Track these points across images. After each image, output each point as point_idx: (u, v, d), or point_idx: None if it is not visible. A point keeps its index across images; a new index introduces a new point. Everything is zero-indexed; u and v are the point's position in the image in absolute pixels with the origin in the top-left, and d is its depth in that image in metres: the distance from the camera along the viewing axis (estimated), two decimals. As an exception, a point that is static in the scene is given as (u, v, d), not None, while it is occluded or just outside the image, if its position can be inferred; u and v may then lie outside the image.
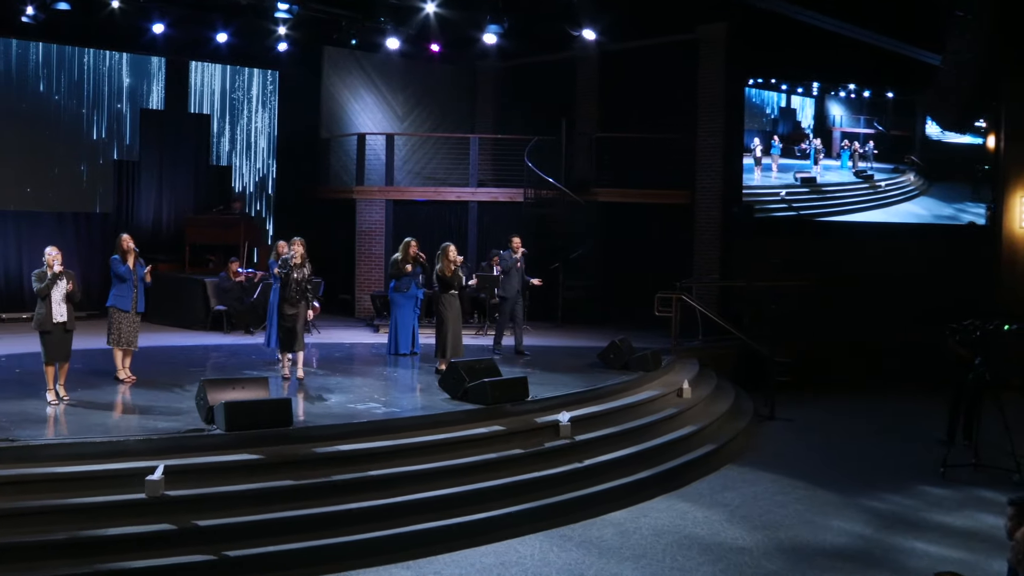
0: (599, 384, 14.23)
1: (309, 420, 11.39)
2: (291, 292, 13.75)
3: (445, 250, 15.03)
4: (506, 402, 12.28)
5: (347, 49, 24.05)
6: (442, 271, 14.93)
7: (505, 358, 16.57)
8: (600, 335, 19.02)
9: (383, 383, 14.30)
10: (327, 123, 24.58)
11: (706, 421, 14.47)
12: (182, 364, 15.54)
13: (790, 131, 22.75)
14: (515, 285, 17.14)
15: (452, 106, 26.41)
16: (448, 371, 12.95)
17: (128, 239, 13.74)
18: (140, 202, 22.90)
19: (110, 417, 11.30)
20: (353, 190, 23.28)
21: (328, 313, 22.54)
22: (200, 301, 20.26)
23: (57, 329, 11.99)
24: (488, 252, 21.27)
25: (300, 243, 14.04)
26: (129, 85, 22.62)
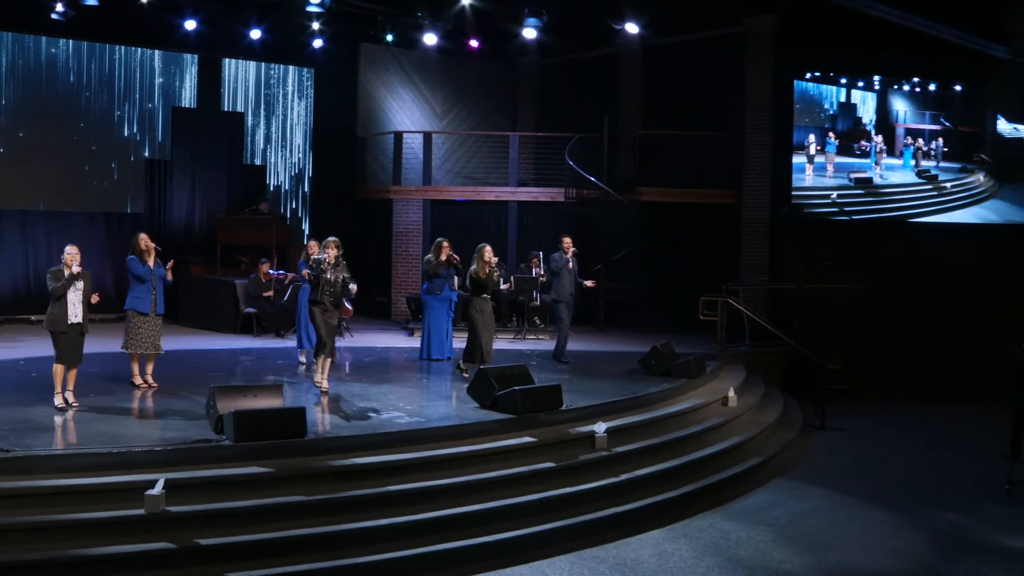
0: (639, 392, 13.45)
1: (325, 430, 10.71)
2: (322, 296, 12.75)
3: (480, 251, 14.37)
4: (538, 411, 11.55)
5: (384, 46, 23.42)
6: (476, 273, 14.26)
7: (539, 364, 15.85)
8: (643, 340, 18.23)
9: (411, 390, 13.59)
10: (364, 121, 24.03)
11: (753, 431, 13.65)
12: (205, 369, 14.95)
13: (850, 128, 21.62)
14: (567, 287, 16.33)
15: (493, 104, 25.78)
16: (477, 378, 12.21)
17: (146, 238, 13.14)
18: (172, 202, 22.46)
19: (117, 425, 10.65)
20: (390, 189, 22.75)
21: (364, 316, 22.03)
22: (230, 303, 19.74)
23: (72, 330, 11.49)
24: (527, 253, 20.61)
25: (334, 244, 12.94)
26: (161, 83, 22.17)
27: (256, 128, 23.56)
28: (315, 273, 12.84)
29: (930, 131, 21.62)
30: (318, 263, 12.87)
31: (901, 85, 21.72)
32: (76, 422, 10.87)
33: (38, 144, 20.75)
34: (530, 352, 17.60)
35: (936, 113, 21.74)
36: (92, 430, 10.48)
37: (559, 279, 16.31)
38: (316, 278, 12.80)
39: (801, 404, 16.34)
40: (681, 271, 21.26)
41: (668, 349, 15.23)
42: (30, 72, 20.63)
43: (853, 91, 21.83)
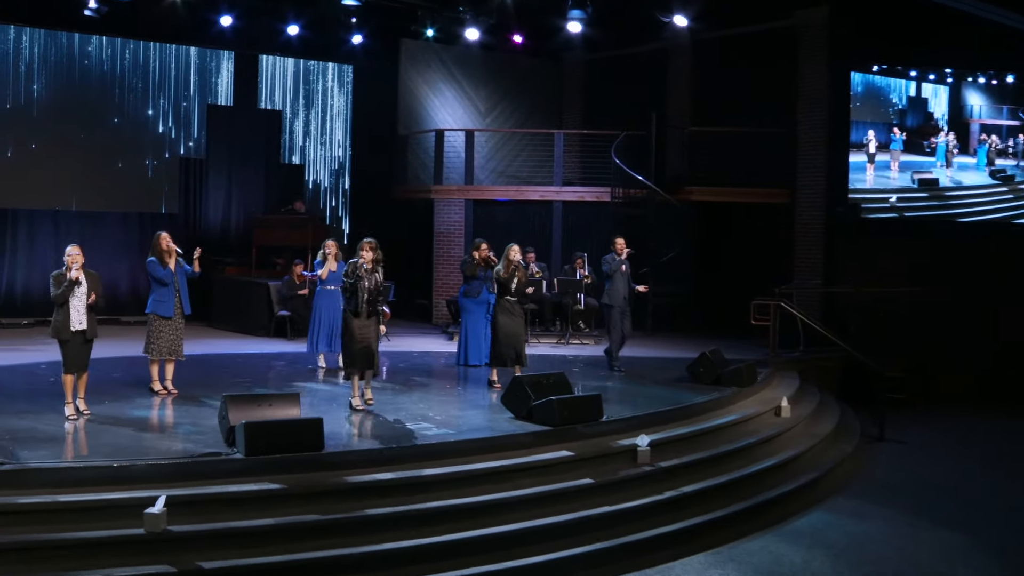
0: (685, 402, 12.66)
1: (345, 443, 9.98)
2: (360, 304, 11.53)
3: (508, 250, 13.58)
4: (577, 423, 10.78)
5: (425, 41, 22.78)
6: (499, 273, 13.51)
7: (582, 371, 15.12)
8: (692, 345, 17.42)
9: (443, 399, 12.86)
10: (404, 119, 23.31)
11: (807, 444, 12.82)
12: (231, 374, 14.30)
13: (920, 123, 20.38)
14: (621, 291, 15.39)
15: (537, 101, 25.03)
16: (512, 387, 11.46)
17: (167, 238, 12.53)
18: (208, 202, 21.96)
19: (125, 436, 9.99)
20: (431, 189, 22.10)
21: (404, 319, 21.41)
22: (263, 306, 19.13)
23: (76, 338, 10.83)
24: (572, 255, 19.87)
25: (370, 246, 11.62)
26: (196, 80, 21.66)
27: (294, 126, 22.98)
28: (351, 279, 11.55)
29: (1007, 127, 20.27)
30: (354, 267, 11.61)
31: (975, 77, 20.40)
32: (83, 432, 10.27)
33: (71, 142, 20.30)
34: (573, 358, 16.87)
35: (1015, 107, 20.38)
36: (98, 441, 9.87)
37: (612, 283, 15.44)
38: (353, 285, 11.53)
39: (858, 414, 15.48)
40: (732, 273, 20.51)
41: (717, 355, 14.41)
42: (63, 69, 20.18)
43: (924, 84, 20.55)
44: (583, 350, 17.84)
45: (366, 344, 11.55)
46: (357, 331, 11.51)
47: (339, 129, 23.57)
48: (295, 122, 23.00)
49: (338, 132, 23.56)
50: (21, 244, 20.05)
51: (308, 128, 23.15)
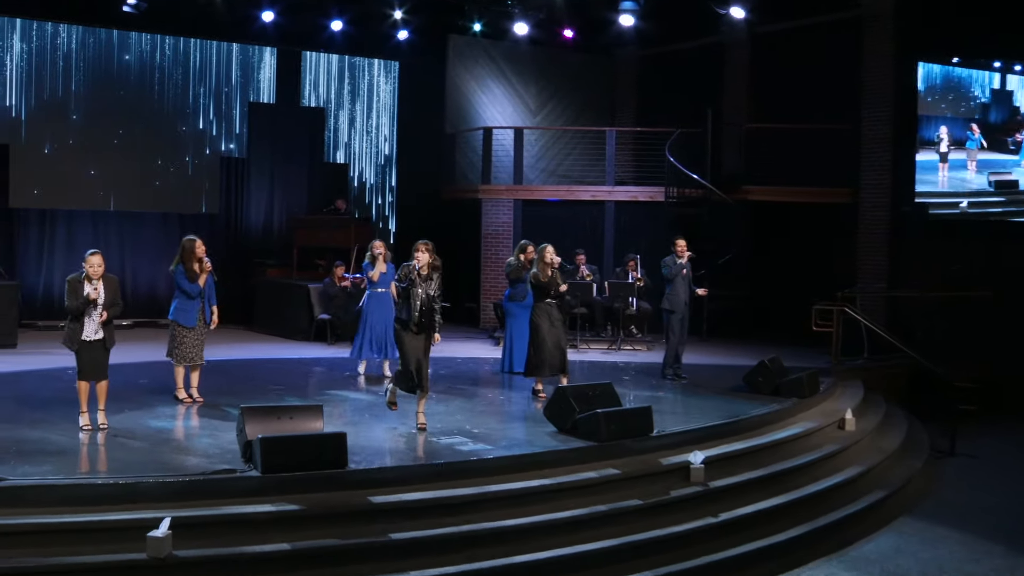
0: (742, 414, 11.79)
1: (371, 459, 9.21)
2: (413, 313, 10.40)
3: (542, 251, 12.78)
4: (624, 438, 10.00)
5: (473, 37, 22.19)
6: (536, 276, 12.71)
7: (634, 379, 14.35)
8: (749, 352, 16.67)
9: (482, 409, 12.09)
10: (452, 117, 22.72)
11: (874, 460, 11.96)
12: (264, 381, 13.66)
13: (1004, 119, 18.99)
14: (682, 296, 14.62)
15: (590, 98, 24.36)
16: (555, 398, 10.69)
17: (201, 247, 11.87)
18: (249, 202, 21.41)
19: (139, 449, 9.35)
20: (479, 189, 21.49)
21: (451, 322, 20.65)
22: (304, 309, 18.51)
23: (91, 346, 10.18)
24: (624, 257, 19.10)
25: (425, 248, 10.53)
26: (237, 77, 21.11)
27: (338, 124, 22.38)
28: (404, 285, 10.52)
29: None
30: (407, 272, 10.53)
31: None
32: (93, 444, 9.65)
33: (109, 141, 19.85)
34: (624, 365, 16.08)
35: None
36: (108, 454, 9.28)
37: (672, 287, 14.62)
38: (406, 291, 10.49)
39: (927, 426, 14.56)
40: (790, 277, 19.68)
41: (777, 364, 13.55)
42: (101, 66, 19.71)
43: (1008, 75, 19.16)
44: (635, 356, 17.05)
45: (416, 360, 10.49)
46: (409, 345, 10.48)
47: (384, 127, 22.95)
48: (339, 120, 22.40)
49: (383, 130, 22.94)
50: (59, 245, 19.62)
51: (353, 126, 22.54)
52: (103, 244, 19.57)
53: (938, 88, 19.17)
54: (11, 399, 11.81)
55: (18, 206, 19.16)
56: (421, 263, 10.49)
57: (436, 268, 10.62)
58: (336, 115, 22.35)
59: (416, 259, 10.51)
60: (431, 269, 10.56)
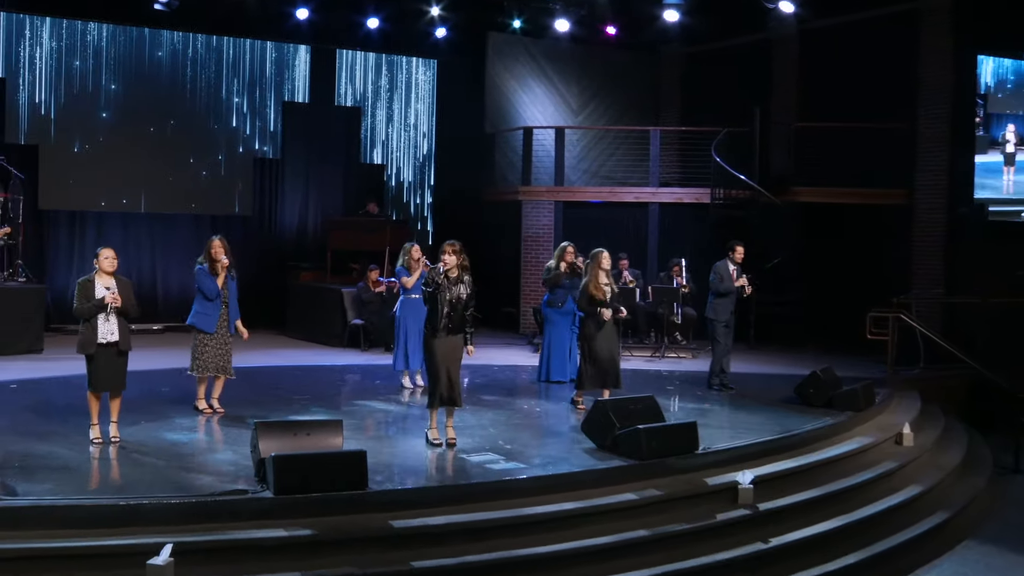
0: (794, 429, 11.08)
1: (394, 479, 8.59)
2: (440, 319, 9.83)
3: (596, 257, 11.94)
4: (668, 455, 9.33)
5: (513, 34, 21.65)
6: (587, 284, 11.92)
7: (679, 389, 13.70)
8: (799, 360, 16.00)
9: (516, 423, 11.39)
10: (491, 117, 22.15)
11: (934, 478, 11.22)
12: (291, 390, 13.09)
13: None
14: (730, 304, 13.87)
15: (633, 97, 23.72)
16: (593, 412, 10.02)
17: (220, 245, 11.26)
18: (283, 204, 20.96)
19: (149, 466, 8.77)
20: (519, 190, 20.93)
21: (490, 327, 20.22)
22: (337, 314, 17.99)
23: (105, 351, 9.56)
24: (669, 261, 18.44)
25: (453, 249, 9.88)
26: (270, 76, 20.66)
27: (374, 124, 21.86)
28: (431, 289, 9.82)
29: None
30: (434, 275, 9.88)
31: None
32: (102, 460, 9.11)
33: (140, 141, 19.43)
34: (668, 374, 15.41)
35: None
36: (115, 471, 8.79)
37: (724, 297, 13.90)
38: (433, 295, 9.83)
39: (989, 441, 13.78)
40: (841, 281, 18.93)
41: (829, 375, 12.82)
42: (132, 65, 19.30)
43: None
44: (679, 365, 16.37)
45: (445, 370, 9.79)
46: (438, 353, 9.79)
47: (422, 127, 22.42)
48: (375, 119, 21.88)
49: (421, 130, 22.42)
50: (89, 248, 19.07)
51: (389, 126, 22.01)
52: (133, 246, 19.36)
53: (1009, 84, 18.27)
54: (27, 408, 11.34)
55: (48, 208, 18.79)
56: (448, 265, 9.82)
57: (465, 268, 9.94)
58: (372, 115, 21.84)
59: (443, 261, 9.84)
60: (460, 270, 9.88)
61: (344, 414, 11.24)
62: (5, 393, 12.27)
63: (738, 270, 13.92)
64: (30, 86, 18.47)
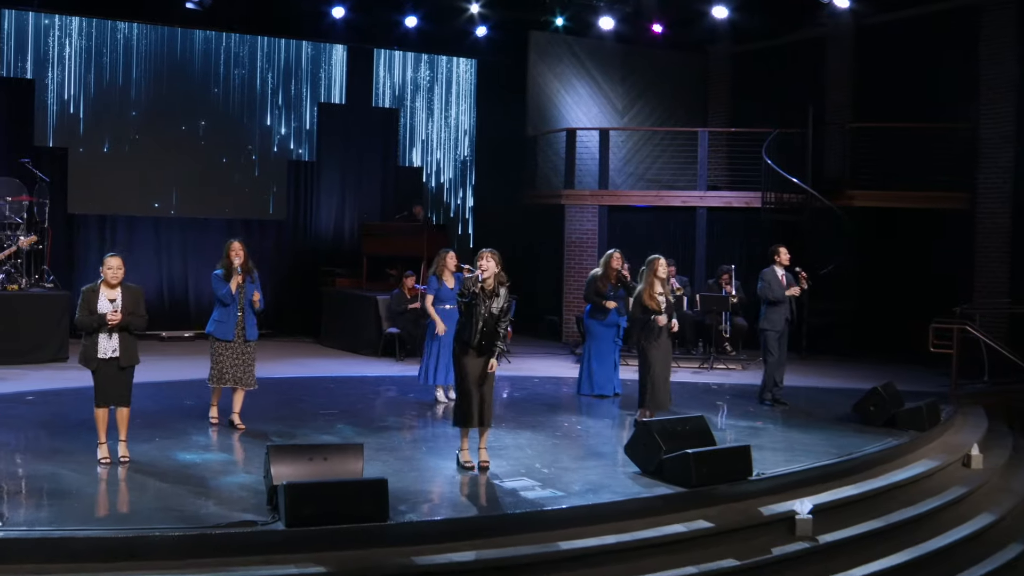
0: (855, 451, 10.27)
1: (419, 508, 7.87)
2: (474, 334, 9.07)
3: (651, 264, 11.15)
4: (718, 482, 8.58)
5: (556, 33, 21.02)
6: (642, 292, 11.17)
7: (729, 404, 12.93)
8: (854, 373, 15.21)
9: (554, 443, 10.61)
10: (534, 118, 21.43)
11: (1006, 505, 10.39)
12: (319, 404, 12.45)
13: None
14: (783, 313, 13.08)
15: (681, 98, 22.92)
16: (638, 434, 9.25)
17: (238, 249, 10.61)
18: (319, 208, 20.36)
19: (156, 490, 8.11)
20: (561, 194, 20.20)
21: (531, 335, 19.60)
22: (371, 322, 17.34)
23: (107, 366, 8.93)
24: (718, 268, 17.67)
25: (490, 256, 9.09)
26: (306, 77, 20.06)
27: (412, 126, 21.22)
28: (466, 300, 9.09)
29: None
30: (470, 284, 9.11)
31: None
32: (107, 482, 8.46)
33: (171, 144, 18.91)
34: (718, 387, 14.63)
35: None
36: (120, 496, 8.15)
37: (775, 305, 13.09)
38: (468, 306, 9.10)
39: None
40: (899, 289, 18.16)
41: (891, 391, 11.99)
42: (163, 67, 18.77)
43: None
44: (728, 377, 15.58)
45: (477, 389, 9.06)
46: (469, 371, 9.08)
47: (462, 129, 21.76)
48: (414, 121, 21.25)
49: (461, 132, 21.77)
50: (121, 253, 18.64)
51: (428, 128, 21.36)
52: (165, 251, 18.90)
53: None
54: (38, 423, 10.77)
55: (78, 212, 18.32)
56: (486, 274, 9.06)
57: (503, 283, 9.18)
58: (411, 116, 21.20)
59: (480, 268, 9.07)
60: (497, 283, 9.13)
61: (371, 432, 10.58)
62: (20, 406, 11.72)
63: (788, 275, 13.14)
64: (59, 87, 18.03)
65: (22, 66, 17.79)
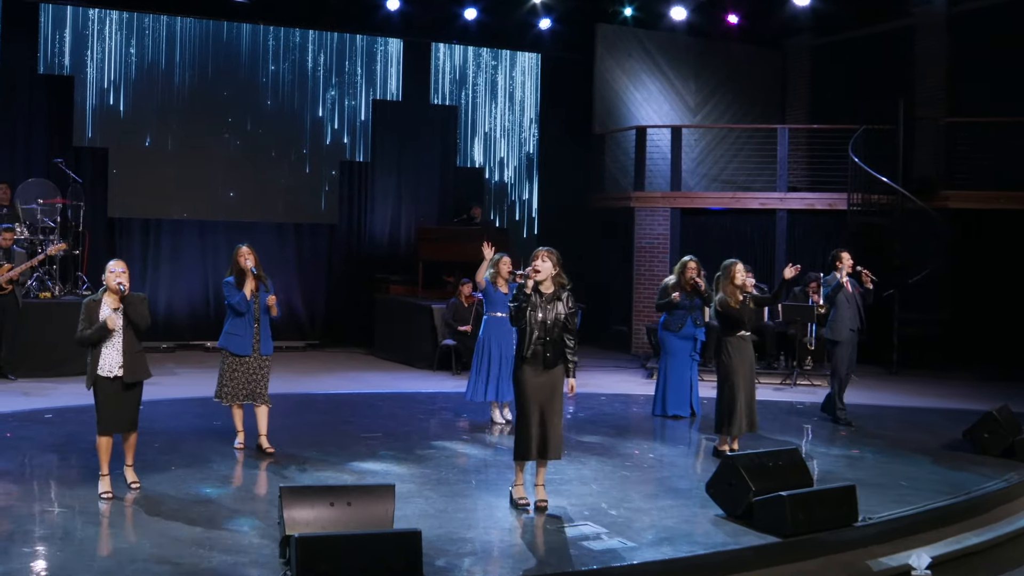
0: (972, 488, 8.84)
1: (459, 565, 6.54)
2: (528, 345, 7.82)
3: (729, 270, 9.91)
4: (819, 530, 7.24)
5: (624, 26, 19.98)
6: (724, 301, 9.87)
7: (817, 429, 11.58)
8: (954, 391, 13.86)
9: (626, 474, 9.27)
10: (600, 115, 20.33)
11: None
12: (362, 424, 11.27)
13: None
14: (847, 321, 11.84)
15: (757, 95, 21.75)
16: (722, 471, 7.91)
17: (247, 253, 9.48)
18: (373, 210, 19.28)
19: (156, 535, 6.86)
20: (631, 196, 19.09)
21: (598, 347, 18.41)
22: (427, 333, 16.20)
23: (110, 385, 7.82)
24: (803, 275, 16.29)
25: (546, 255, 7.88)
26: (360, 72, 18.97)
27: (472, 124, 20.05)
28: (519, 304, 7.85)
29: None
30: (521, 288, 7.90)
31: None
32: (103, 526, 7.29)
33: (218, 146, 18.01)
34: (802, 407, 13.22)
35: None
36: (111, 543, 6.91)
37: (836, 310, 11.86)
38: (521, 312, 7.81)
39: None
40: (999, 297, 16.77)
41: (1006, 415, 10.51)
42: (207, 64, 17.83)
43: None
44: (814, 394, 14.11)
45: (539, 412, 7.78)
46: (528, 391, 7.82)
47: (525, 128, 20.57)
48: (473, 119, 20.09)
49: (523, 131, 20.57)
50: (164, 258, 17.86)
51: (488, 126, 20.19)
52: (211, 257, 18.07)
53: None
54: (49, 446, 9.71)
55: (119, 215, 17.41)
56: (541, 275, 7.83)
57: (563, 286, 7.94)
58: (470, 114, 20.04)
59: (534, 269, 7.83)
60: (557, 286, 7.90)
61: (415, 461, 9.39)
62: (34, 425, 10.68)
63: (853, 281, 11.94)
64: (99, 85, 17.19)
65: (60, 62, 16.94)
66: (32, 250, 14.43)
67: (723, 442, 9.85)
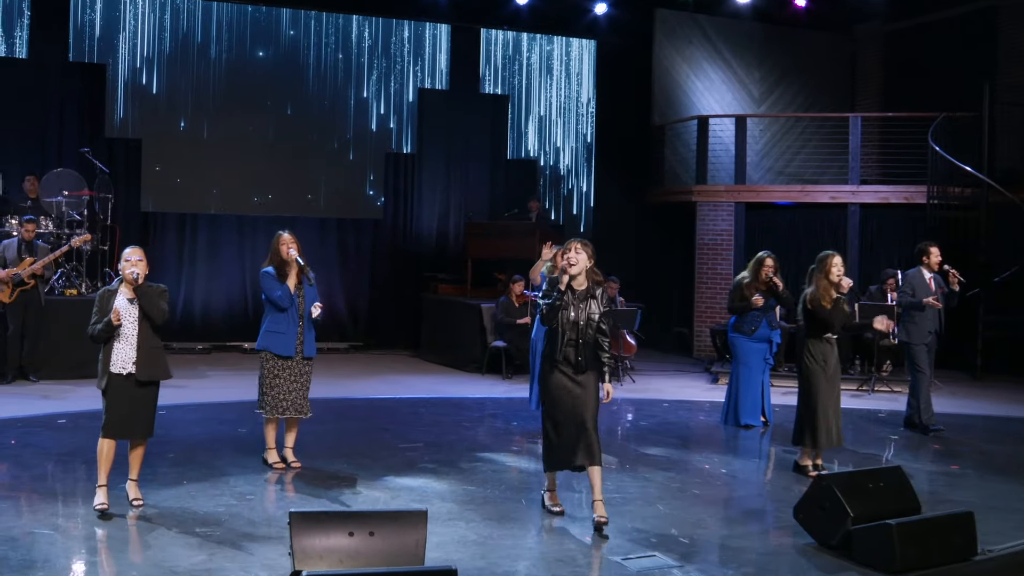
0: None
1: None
2: (560, 347, 7.07)
3: (824, 263, 8.72)
4: (932, 565, 6.11)
5: (685, 11, 19.11)
6: (814, 298, 8.65)
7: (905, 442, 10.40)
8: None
9: (697, 493, 8.15)
10: (659, 106, 19.39)
11: None
12: (402, 433, 10.26)
13: None
14: (927, 323, 10.80)
15: (825, 83, 20.74)
16: (813, 493, 6.77)
17: (289, 241, 8.48)
18: (420, 205, 18.43)
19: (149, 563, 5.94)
20: (692, 190, 18.18)
21: (658, 350, 17.51)
22: (475, 334, 15.24)
23: (123, 383, 6.98)
24: (879, 272, 15.36)
25: (581, 247, 7.15)
26: (405, 60, 18.12)
27: (524, 114, 19.10)
28: (552, 302, 7.08)
29: None
30: (552, 285, 7.14)
31: None
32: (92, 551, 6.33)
33: (258, 136, 17.24)
34: (886, 415, 12.07)
35: None
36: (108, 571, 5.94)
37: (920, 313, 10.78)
38: (553, 310, 7.05)
39: None
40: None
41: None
42: (246, 50, 17.09)
43: None
44: (895, 402, 12.94)
45: (572, 419, 6.98)
46: (557, 393, 7.04)
47: (580, 118, 19.61)
48: (525, 109, 19.15)
49: (578, 121, 19.62)
50: (201, 255, 17.11)
51: (541, 117, 19.23)
52: (249, 253, 17.29)
53: None
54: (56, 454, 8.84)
55: (153, 210, 16.65)
56: (577, 268, 7.02)
57: (599, 283, 7.17)
58: (521, 103, 19.08)
59: (568, 262, 7.04)
60: (592, 282, 7.11)
61: (457, 475, 8.37)
62: (45, 431, 9.83)
63: (937, 279, 10.83)
64: (132, 74, 16.51)
65: (92, 49, 16.23)
66: (57, 244, 13.62)
67: (805, 456, 8.74)
